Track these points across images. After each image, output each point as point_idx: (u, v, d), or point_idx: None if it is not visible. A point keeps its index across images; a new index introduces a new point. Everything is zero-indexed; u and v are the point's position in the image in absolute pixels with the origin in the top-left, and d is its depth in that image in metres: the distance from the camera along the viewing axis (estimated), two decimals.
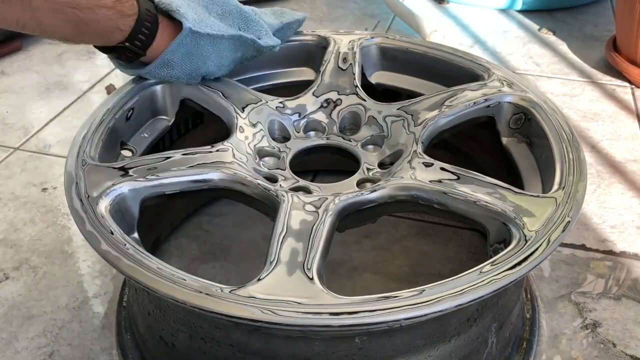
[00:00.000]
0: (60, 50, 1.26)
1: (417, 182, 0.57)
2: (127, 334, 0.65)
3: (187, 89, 0.70)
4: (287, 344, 0.50)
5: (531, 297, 0.69)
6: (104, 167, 0.58)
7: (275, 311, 0.44)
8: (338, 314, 0.44)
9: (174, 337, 0.56)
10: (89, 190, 0.55)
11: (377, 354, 0.51)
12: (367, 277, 0.72)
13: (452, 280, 0.47)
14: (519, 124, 0.67)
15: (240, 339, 0.51)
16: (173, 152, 0.60)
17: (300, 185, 0.61)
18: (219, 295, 0.46)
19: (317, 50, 0.77)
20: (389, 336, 0.50)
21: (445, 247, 0.76)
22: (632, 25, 1.06)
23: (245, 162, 0.61)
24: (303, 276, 0.48)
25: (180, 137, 0.75)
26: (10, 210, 0.84)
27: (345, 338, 0.49)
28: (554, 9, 1.40)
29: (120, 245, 0.50)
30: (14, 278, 0.73)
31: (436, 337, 0.52)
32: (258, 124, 0.67)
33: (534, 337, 0.65)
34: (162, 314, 0.56)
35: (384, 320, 0.44)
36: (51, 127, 1.02)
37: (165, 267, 0.48)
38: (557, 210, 0.53)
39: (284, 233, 0.52)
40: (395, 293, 0.46)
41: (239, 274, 0.73)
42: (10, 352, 0.65)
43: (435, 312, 0.45)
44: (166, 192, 0.58)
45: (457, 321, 0.52)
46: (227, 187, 0.58)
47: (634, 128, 1.00)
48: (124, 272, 0.47)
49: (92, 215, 0.52)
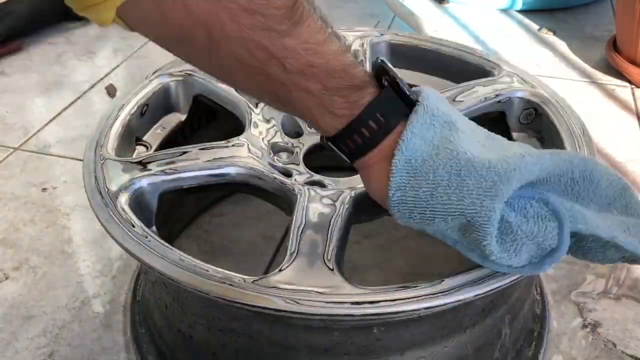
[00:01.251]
0: (60, 50, 1.26)
1: None
2: (142, 329, 0.65)
3: (200, 85, 0.70)
4: (307, 334, 0.51)
5: (541, 293, 0.70)
6: (122, 162, 0.58)
7: (298, 301, 0.45)
8: (360, 303, 0.45)
9: (192, 329, 0.56)
10: (109, 184, 0.56)
11: (394, 344, 0.51)
12: (368, 278, 0.72)
13: (470, 272, 0.48)
14: (529, 119, 0.68)
15: (259, 329, 0.52)
16: (190, 147, 0.61)
17: (315, 179, 0.62)
18: (242, 285, 0.46)
19: None
20: (407, 327, 0.51)
21: (445, 247, 0.76)
22: (632, 25, 1.07)
23: (260, 156, 0.62)
24: (324, 267, 0.49)
25: (193, 133, 0.76)
26: (10, 210, 0.84)
27: (363, 328, 0.50)
28: (554, 9, 1.41)
29: (142, 238, 0.50)
30: (14, 278, 0.73)
31: (452, 328, 0.53)
32: (272, 120, 0.67)
33: (544, 331, 0.66)
34: (180, 306, 0.57)
35: (405, 309, 0.45)
36: (51, 127, 1.01)
37: (187, 258, 0.49)
38: None
39: (303, 225, 0.52)
40: (414, 283, 0.47)
41: (239, 274, 0.73)
42: (10, 352, 0.65)
43: (454, 302, 0.46)
44: (184, 186, 0.58)
45: (472, 312, 0.53)
46: (244, 181, 0.59)
47: (634, 128, 1.00)
48: (149, 265, 0.48)
49: (113, 209, 0.53)
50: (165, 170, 0.57)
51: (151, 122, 0.70)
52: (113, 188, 0.55)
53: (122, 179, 0.56)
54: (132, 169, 0.57)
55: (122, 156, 0.61)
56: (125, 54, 1.25)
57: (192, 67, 0.71)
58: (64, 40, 1.30)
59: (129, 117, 0.65)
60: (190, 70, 0.71)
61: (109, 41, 1.30)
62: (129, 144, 0.65)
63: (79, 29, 1.33)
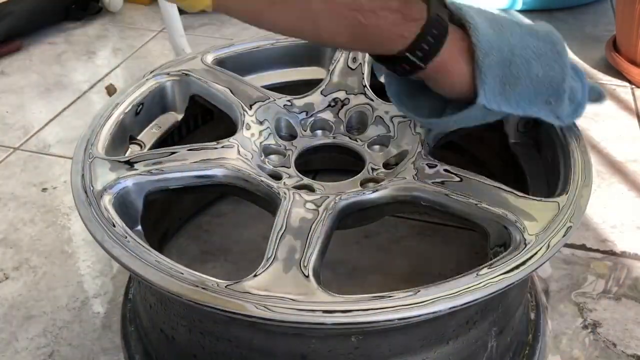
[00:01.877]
0: (60, 50, 1.26)
1: (419, 183, 0.57)
2: (132, 327, 0.66)
3: (196, 86, 0.70)
4: (284, 340, 0.50)
5: (536, 301, 0.68)
6: (110, 161, 0.59)
7: (269, 307, 0.45)
8: (331, 312, 0.44)
9: (174, 331, 0.56)
10: (94, 183, 0.56)
11: (373, 353, 0.50)
12: (367, 277, 0.72)
13: (448, 282, 0.47)
14: (527, 127, 0.66)
15: (238, 334, 0.51)
16: (178, 147, 0.61)
17: (304, 183, 0.61)
18: (214, 289, 0.46)
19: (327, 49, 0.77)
20: (386, 336, 0.50)
21: (445, 247, 0.76)
22: (632, 25, 1.06)
23: (250, 159, 0.61)
24: (299, 273, 0.48)
25: (189, 132, 0.76)
26: (10, 210, 0.84)
27: (341, 336, 0.49)
28: (554, 9, 1.40)
29: (121, 237, 0.50)
30: (14, 278, 0.74)
31: (433, 339, 0.52)
32: (265, 122, 0.67)
33: (537, 343, 0.64)
34: (163, 307, 0.57)
35: (377, 319, 0.44)
36: (51, 127, 1.02)
37: (164, 260, 0.49)
38: (559, 214, 0.52)
39: (283, 230, 0.52)
40: (390, 293, 0.46)
41: (239, 274, 0.72)
42: (10, 352, 0.65)
43: (428, 314, 0.45)
44: (170, 187, 0.58)
45: (455, 323, 0.52)
46: (230, 183, 0.59)
47: (634, 128, 0.99)
48: (122, 263, 0.48)
49: (96, 208, 0.53)
50: (151, 171, 0.57)
51: (146, 121, 0.70)
52: (98, 187, 0.55)
53: (107, 177, 0.56)
54: (119, 168, 0.58)
55: (114, 155, 0.62)
56: (125, 54, 1.25)
57: (189, 67, 0.72)
58: (64, 40, 1.30)
59: (123, 115, 0.65)
60: (186, 70, 0.71)
61: (109, 41, 1.31)
62: (122, 143, 0.66)
63: (79, 29, 1.34)
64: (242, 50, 0.77)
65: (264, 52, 0.78)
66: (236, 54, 0.77)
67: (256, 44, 0.77)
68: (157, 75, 0.70)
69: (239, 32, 1.34)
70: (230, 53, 0.76)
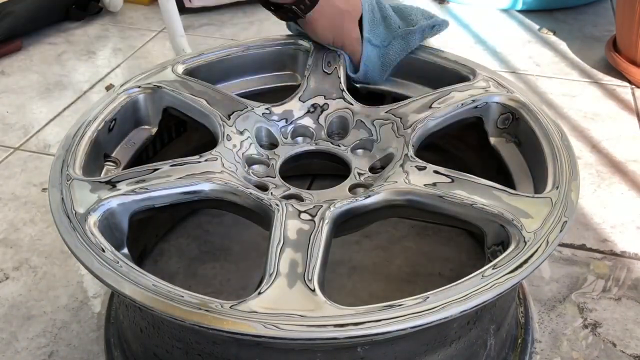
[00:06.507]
0: (60, 50, 1.25)
1: (412, 186, 0.56)
2: (117, 351, 0.63)
3: (169, 98, 0.68)
4: (288, 356, 0.49)
5: (524, 296, 0.69)
6: (89, 182, 0.56)
7: (278, 325, 0.43)
8: (343, 325, 0.44)
9: (169, 354, 0.54)
10: (76, 206, 0.53)
11: None
12: (367, 277, 0.72)
13: (455, 285, 0.46)
14: (506, 123, 0.67)
15: (239, 353, 0.50)
16: (161, 163, 0.58)
17: (292, 192, 0.60)
18: (219, 311, 0.44)
19: (301, 54, 0.76)
20: (391, 344, 0.49)
21: (445, 247, 0.76)
22: (632, 25, 1.06)
23: (235, 171, 0.60)
24: (304, 288, 0.47)
25: (164, 146, 0.74)
26: (10, 210, 0.83)
27: (347, 348, 0.48)
28: (554, 9, 1.41)
29: (113, 263, 0.48)
30: (14, 278, 0.73)
31: (437, 343, 0.52)
32: (245, 132, 0.65)
33: (528, 336, 0.65)
34: (156, 330, 0.54)
35: (390, 330, 0.43)
36: (51, 127, 1.01)
37: (161, 284, 0.47)
38: (554, 210, 0.53)
39: (282, 243, 0.51)
40: (399, 301, 0.45)
41: (239, 274, 0.72)
42: (10, 352, 0.64)
43: (440, 319, 0.44)
44: (156, 205, 0.56)
45: (457, 325, 0.52)
46: (219, 198, 0.57)
47: (634, 128, 1.00)
48: (120, 292, 0.46)
49: (82, 233, 0.50)
50: (136, 190, 0.55)
51: (120, 137, 0.67)
52: (81, 210, 0.53)
53: (89, 199, 0.54)
54: (101, 188, 0.55)
55: (90, 175, 0.59)
56: (125, 54, 1.25)
57: (161, 79, 0.70)
58: (64, 40, 1.30)
59: (97, 133, 0.62)
60: (158, 82, 0.69)
61: (109, 41, 1.30)
62: (97, 161, 0.63)
63: (79, 29, 1.34)
64: (212, 58, 0.75)
65: (235, 59, 0.76)
66: (207, 62, 0.74)
67: (226, 52, 0.76)
68: (128, 89, 0.68)
69: (239, 32, 1.33)
70: (201, 62, 0.74)
